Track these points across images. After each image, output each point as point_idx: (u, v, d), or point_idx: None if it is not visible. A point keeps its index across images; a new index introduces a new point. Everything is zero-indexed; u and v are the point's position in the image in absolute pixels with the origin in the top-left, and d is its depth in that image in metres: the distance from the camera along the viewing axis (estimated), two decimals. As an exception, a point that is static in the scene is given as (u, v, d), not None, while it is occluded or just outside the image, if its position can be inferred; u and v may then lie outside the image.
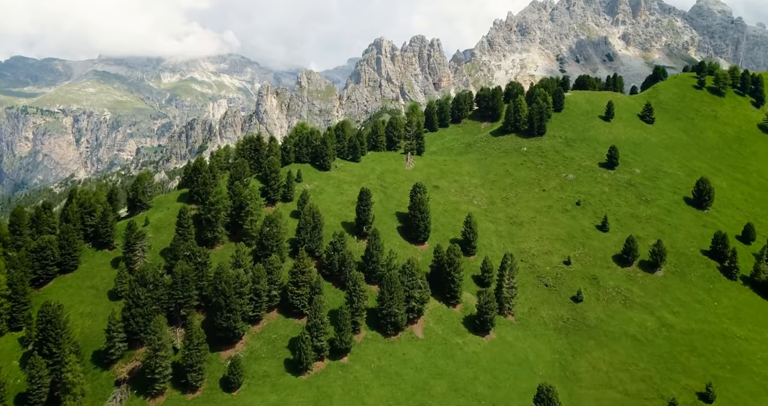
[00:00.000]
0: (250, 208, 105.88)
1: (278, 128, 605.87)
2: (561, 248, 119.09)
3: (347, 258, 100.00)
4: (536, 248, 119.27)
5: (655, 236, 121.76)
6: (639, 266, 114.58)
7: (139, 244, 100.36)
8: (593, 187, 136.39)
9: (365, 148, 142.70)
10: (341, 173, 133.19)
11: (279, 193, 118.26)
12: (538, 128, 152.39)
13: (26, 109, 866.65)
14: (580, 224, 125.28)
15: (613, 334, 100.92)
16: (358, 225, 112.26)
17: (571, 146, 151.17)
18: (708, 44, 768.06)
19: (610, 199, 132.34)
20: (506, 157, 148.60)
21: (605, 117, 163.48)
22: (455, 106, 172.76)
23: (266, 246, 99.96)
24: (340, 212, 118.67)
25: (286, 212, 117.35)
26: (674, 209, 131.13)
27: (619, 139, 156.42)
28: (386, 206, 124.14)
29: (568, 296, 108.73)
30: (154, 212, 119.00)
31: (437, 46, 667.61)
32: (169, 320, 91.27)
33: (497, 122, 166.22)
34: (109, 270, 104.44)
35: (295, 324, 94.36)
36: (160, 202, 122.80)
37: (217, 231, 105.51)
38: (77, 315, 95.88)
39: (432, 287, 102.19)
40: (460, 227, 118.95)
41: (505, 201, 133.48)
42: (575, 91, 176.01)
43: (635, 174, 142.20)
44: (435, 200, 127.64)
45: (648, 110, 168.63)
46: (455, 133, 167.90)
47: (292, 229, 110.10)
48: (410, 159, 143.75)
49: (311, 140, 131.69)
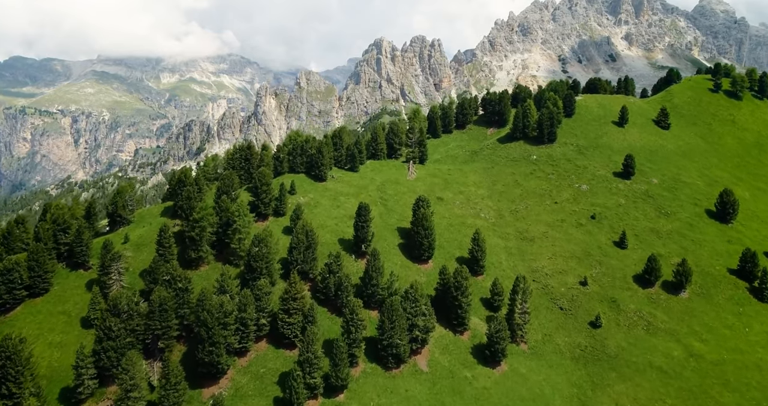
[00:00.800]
0: (237, 225, 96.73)
1: (277, 129, 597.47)
2: (576, 266, 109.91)
3: (344, 281, 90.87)
4: (549, 267, 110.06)
5: (677, 253, 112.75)
6: (662, 287, 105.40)
7: (115, 266, 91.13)
8: (609, 199, 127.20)
9: (364, 157, 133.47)
10: (338, 184, 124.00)
11: (270, 207, 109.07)
12: (549, 135, 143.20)
13: (24, 110, 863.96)
14: (596, 239, 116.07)
15: (637, 365, 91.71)
16: (356, 243, 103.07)
17: (583, 154, 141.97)
18: (711, 44, 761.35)
19: (628, 213, 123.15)
20: (515, 166, 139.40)
21: (619, 123, 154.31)
22: (459, 111, 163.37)
23: (255, 268, 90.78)
24: (337, 228, 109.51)
25: (278, 227, 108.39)
26: (696, 223, 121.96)
27: (634, 146, 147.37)
28: (387, 220, 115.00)
29: (586, 320, 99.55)
30: (136, 228, 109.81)
31: (438, 46, 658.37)
32: (146, 353, 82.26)
33: (504, 128, 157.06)
34: (84, 294, 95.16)
35: (285, 356, 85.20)
36: (142, 216, 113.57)
37: (202, 251, 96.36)
38: (45, 345, 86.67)
39: (437, 312, 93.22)
40: (466, 244, 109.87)
41: (514, 214, 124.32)
42: (586, 95, 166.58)
43: (653, 184, 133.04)
44: (439, 214, 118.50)
45: (663, 115, 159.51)
46: (460, 139, 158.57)
47: (284, 247, 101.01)
48: (412, 168, 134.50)
49: (306, 149, 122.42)
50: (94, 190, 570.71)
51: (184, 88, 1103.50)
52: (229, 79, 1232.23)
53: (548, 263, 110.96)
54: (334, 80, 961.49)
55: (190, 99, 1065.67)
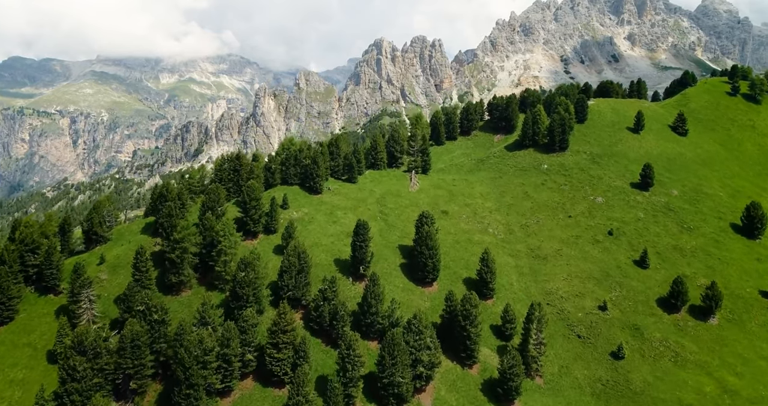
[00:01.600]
0: (223, 246, 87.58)
1: (276, 131, 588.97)
2: (594, 288, 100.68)
3: (339, 310, 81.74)
4: (565, 289, 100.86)
5: (703, 272, 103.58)
6: (689, 313, 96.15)
7: (86, 293, 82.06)
8: (627, 212, 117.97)
9: (363, 167, 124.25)
10: (335, 197, 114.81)
11: (260, 224, 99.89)
12: (560, 142, 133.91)
13: (23, 111, 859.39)
14: (614, 258, 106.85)
15: (665, 402, 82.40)
16: (354, 264, 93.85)
17: (597, 163, 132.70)
18: (715, 45, 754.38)
19: (648, 228, 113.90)
20: (524, 177, 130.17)
21: (634, 129, 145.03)
22: (464, 116, 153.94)
23: (241, 296, 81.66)
24: (333, 247, 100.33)
25: (268, 246, 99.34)
26: (722, 239, 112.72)
27: (650, 154, 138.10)
28: (387, 237, 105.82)
29: (607, 350, 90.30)
30: (113, 246, 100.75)
31: (439, 46, 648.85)
32: (116, 395, 73.23)
33: (512, 135, 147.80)
34: (52, 322, 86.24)
35: (274, 396, 76.11)
36: (121, 233, 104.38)
37: (183, 274, 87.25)
38: (5, 383, 77.80)
39: (443, 342, 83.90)
40: (474, 263, 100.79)
41: (524, 229, 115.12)
42: (598, 99, 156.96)
43: (673, 196, 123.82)
44: (444, 229, 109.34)
45: (681, 121, 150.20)
46: (465, 146, 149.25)
47: (275, 268, 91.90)
48: (414, 179, 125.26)
49: (300, 159, 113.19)
50: (90, 193, 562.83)
51: (184, 89, 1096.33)
52: (229, 79, 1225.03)
53: (563, 285, 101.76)
54: (334, 81, 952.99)
55: (190, 99, 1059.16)
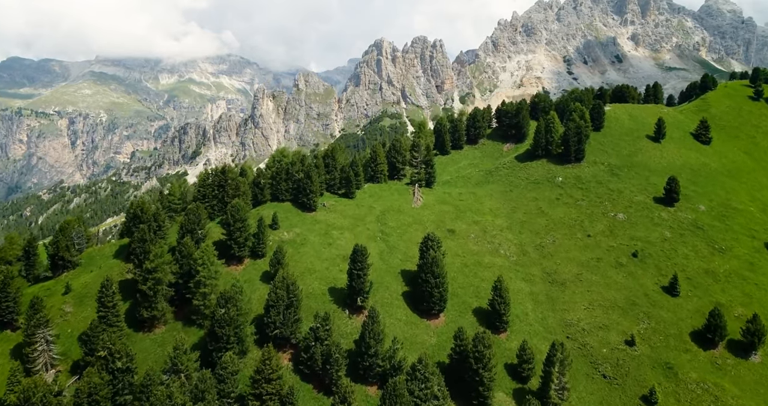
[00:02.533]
0: (201, 276, 77.06)
1: (275, 133, 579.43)
2: (620, 320, 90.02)
3: (333, 352, 71.23)
4: (587, 320, 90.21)
5: (740, 300, 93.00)
6: (727, 348, 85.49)
7: (42, 332, 71.58)
8: (651, 231, 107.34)
9: (361, 180, 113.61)
10: (330, 215, 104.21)
11: (246, 247, 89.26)
12: (576, 153, 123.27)
13: (20, 112, 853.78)
14: (641, 284, 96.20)
15: (707, 458, 72.04)
16: (351, 295, 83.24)
17: (616, 175, 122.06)
18: (719, 45, 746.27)
19: (676, 249, 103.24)
20: (537, 190, 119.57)
21: (654, 137, 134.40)
22: (471, 124, 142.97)
23: (220, 336, 71.12)
24: (327, 273, 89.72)
25: (255, 272, 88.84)
26: (757, 262, 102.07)
27: (673, 165, 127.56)
28: (388, 261, 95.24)
29: (637, 394, 79.65)
30: (82, 273, 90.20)
31: (440, 47, 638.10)
32: (71, 458, 62.58)
33: (523, 144, 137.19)
34: (8, 363, 75.76)
35: (257, 456, 65.61)
36: (91, 257, 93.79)
37: (156, 309, 76.71)
38: (-53, 440, 67.25)
39: (451, 385, 73.50)
40: (484, 290, 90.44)
41: (539, 250, 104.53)
42: (615, 105, 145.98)
43: (700, 212, 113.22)
44: (451, 251, 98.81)
45: (704, 128, 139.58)
46: (472, 156, 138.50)
47: (261, 299, 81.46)
48: (418, 193, 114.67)
49: (292, 173, 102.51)
50: (86, 196, 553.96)
51: (183, 89, 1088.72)
52: (229, 79, 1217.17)
53: (585, 315, 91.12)
54: (335, 81, 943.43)
55: (189, 100, 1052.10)
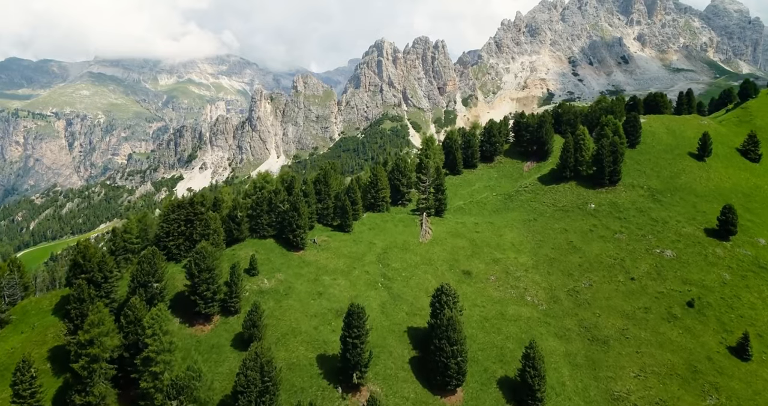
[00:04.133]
0: (150, 352, 59.42)
1: (272, 136, 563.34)
2: (680, 393, 72.30)
3: (321, 460, 53.70)
4: (639, 393, 72.46)
5: (825, 366, 75.35)
6: (820, 434, 68.06)
7: (-66, 435, 54.00)
8: (707, 273, 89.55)
9: (359, 209, 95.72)
10: (322, 254, 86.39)
11: (215, 303, 71.58)
12: (611, 174, 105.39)
13: (17, 113, 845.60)
14: (701, 344, 78.45)
15: None
16: (345, 369, 65.54)
17: (659, 202, 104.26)
18: (727, 45, 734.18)
19: (739, 296, 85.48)
20: (566, 220, 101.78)
21: (698, 155, 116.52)
22: (486, 139, 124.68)
23: (170, 439, 53.64)
24: (316, 335, 71.95)
25: (226, 334, 71.31)
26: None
27: (722, 188, 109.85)
28: (392, 316, 77.55)
29: None
30: (11, 334, 72.53)
31: (442, 48, 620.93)
32: None
33: (546, 162, 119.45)
34: None
35: None
36: (25, 312, 76.06)
37: (92, 394, 59.06)
38: None
39: None
40: (510, 351, 73.33)
41: (573, 297, 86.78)
42: (650, 117, 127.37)
43: (760, 247, 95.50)
44: (468, 300, 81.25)
45: (752, 143, 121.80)
46: (487, 177, 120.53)
47: (232, 372, 63.98)
48: (426, 225, 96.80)
49: (275, 204, 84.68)
50: (79, 200, 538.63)
51: (183, 90, 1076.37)
52: (228, 80, 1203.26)
53: (636, 386, 73.38)
54: (335, 82, 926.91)
55: (188, 101, 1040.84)
